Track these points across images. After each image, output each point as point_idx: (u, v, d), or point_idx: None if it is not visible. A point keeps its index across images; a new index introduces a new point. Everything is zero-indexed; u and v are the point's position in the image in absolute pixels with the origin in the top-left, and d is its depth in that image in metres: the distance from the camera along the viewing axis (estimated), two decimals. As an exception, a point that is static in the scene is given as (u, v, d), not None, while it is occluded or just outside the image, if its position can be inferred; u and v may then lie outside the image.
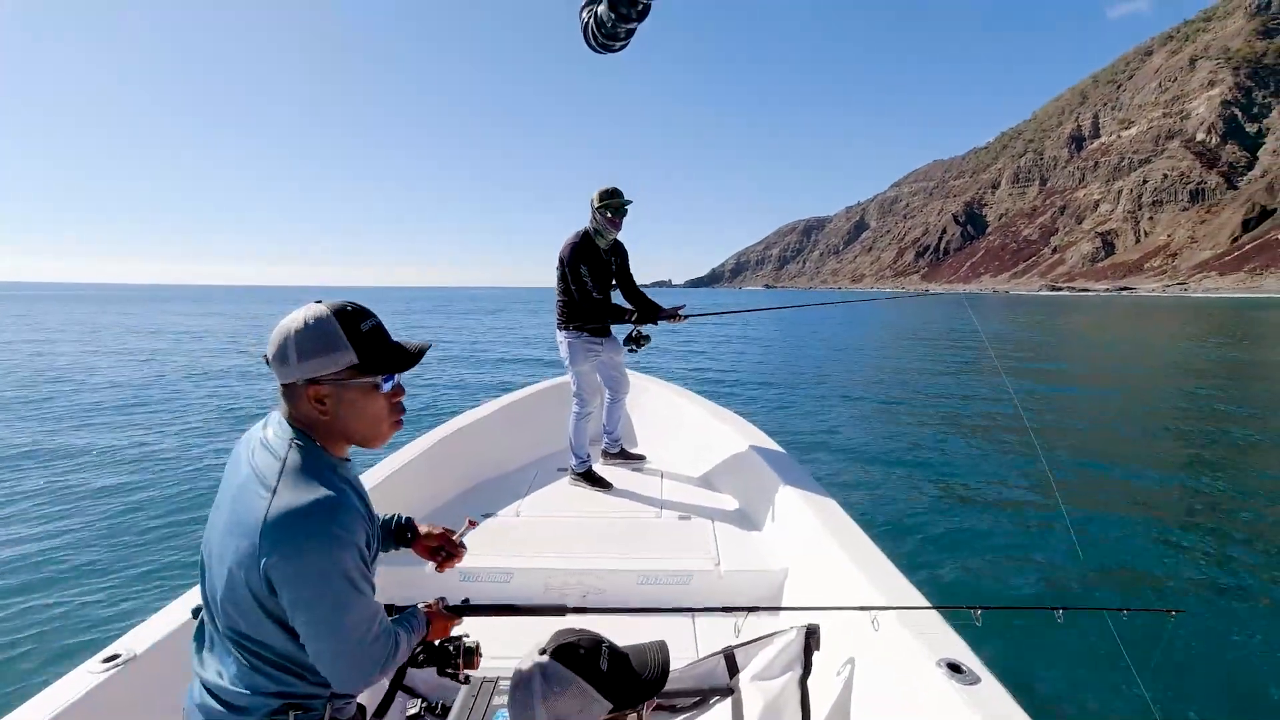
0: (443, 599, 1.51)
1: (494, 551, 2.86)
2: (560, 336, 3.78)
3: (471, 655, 1.49)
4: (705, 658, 2.02)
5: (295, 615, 1.10)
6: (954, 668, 1.59)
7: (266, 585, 1.08)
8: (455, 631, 1.52)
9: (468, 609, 1.57)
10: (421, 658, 1.48)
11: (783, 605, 2.68)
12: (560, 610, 1.78)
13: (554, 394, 4.73)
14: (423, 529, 1.60)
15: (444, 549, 1.60)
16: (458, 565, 2.36)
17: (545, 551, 2.91)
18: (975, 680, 1.56)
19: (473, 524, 1.71)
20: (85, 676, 1.57)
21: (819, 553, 2.48)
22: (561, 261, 3.64)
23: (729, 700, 1.92)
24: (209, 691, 1.15)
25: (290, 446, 1.15)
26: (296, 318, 1.16)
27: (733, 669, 1.96)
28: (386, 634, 1.22)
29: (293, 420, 1.18)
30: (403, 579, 2.31)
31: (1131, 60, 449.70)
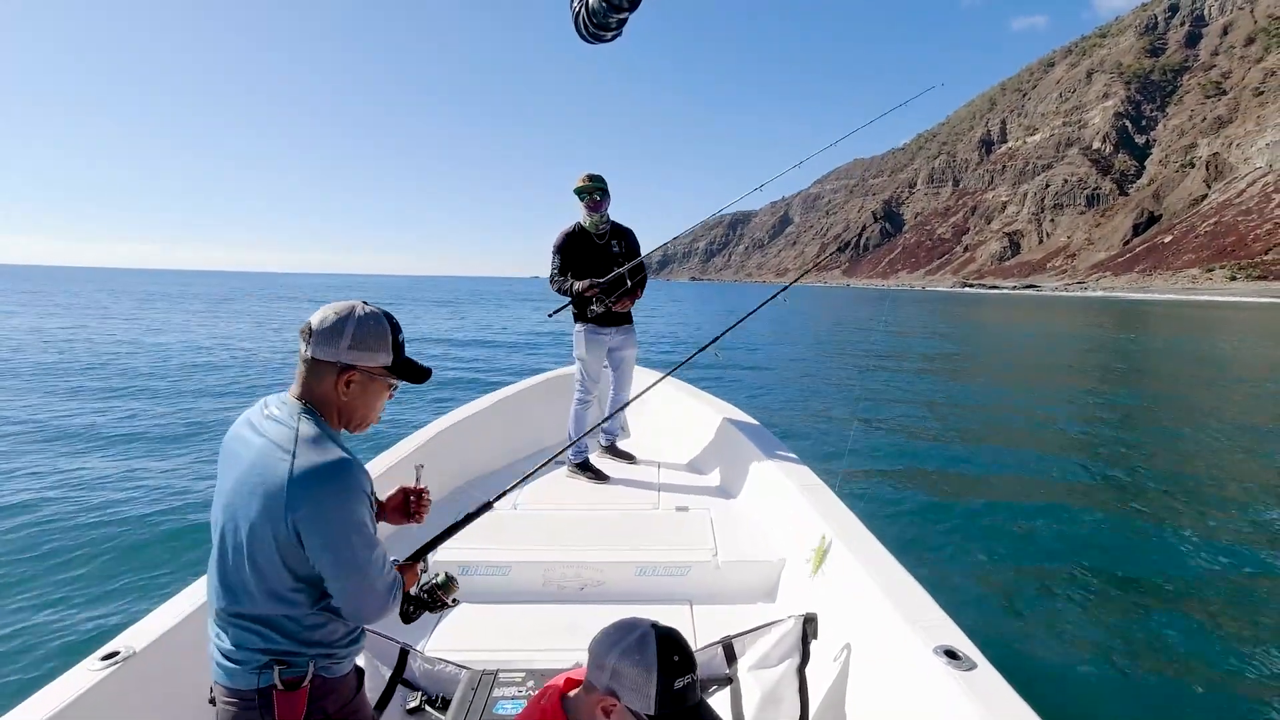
0: (394, 559, 1.54)
1: (492, 545, 2.81)
2: (575, 325, 3.95)
3: (449, 587, 1.59)
4: (704, 648, 2.01)
5: (322, 558, 1.24)
6: (950, 654, 1.59)
7: (295, 535, 1.22)
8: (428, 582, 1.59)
9: (420, 552, 1.66)
10: (412, 610, 1.56)
11: (779, 595, 2.66)
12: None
13: (551, 387, 4.72)
14: (383, 498, 1.64)
15: (409, 502, 1.67)
16: (455, 559, 2.52)
17: (543, 544, 2.87)
18: (972, 666, 1.55)
19: (420, 467, 1.73)
20: (84, 674, 1.56)
21: (815, 543, 2.46)
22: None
23: (728, 689, 1.91)
24: (217, 649, 1.31)
25: (299, 418, 1.29)
26: (356, 308, 1.32)
27: (731, 658, 1.96)
28: (394, 572, 1.39)
29: (302, 396, 1.33)
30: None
31: (1036, 71, 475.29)
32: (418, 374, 1.44)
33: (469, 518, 1.81)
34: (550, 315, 4.13)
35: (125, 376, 12.10)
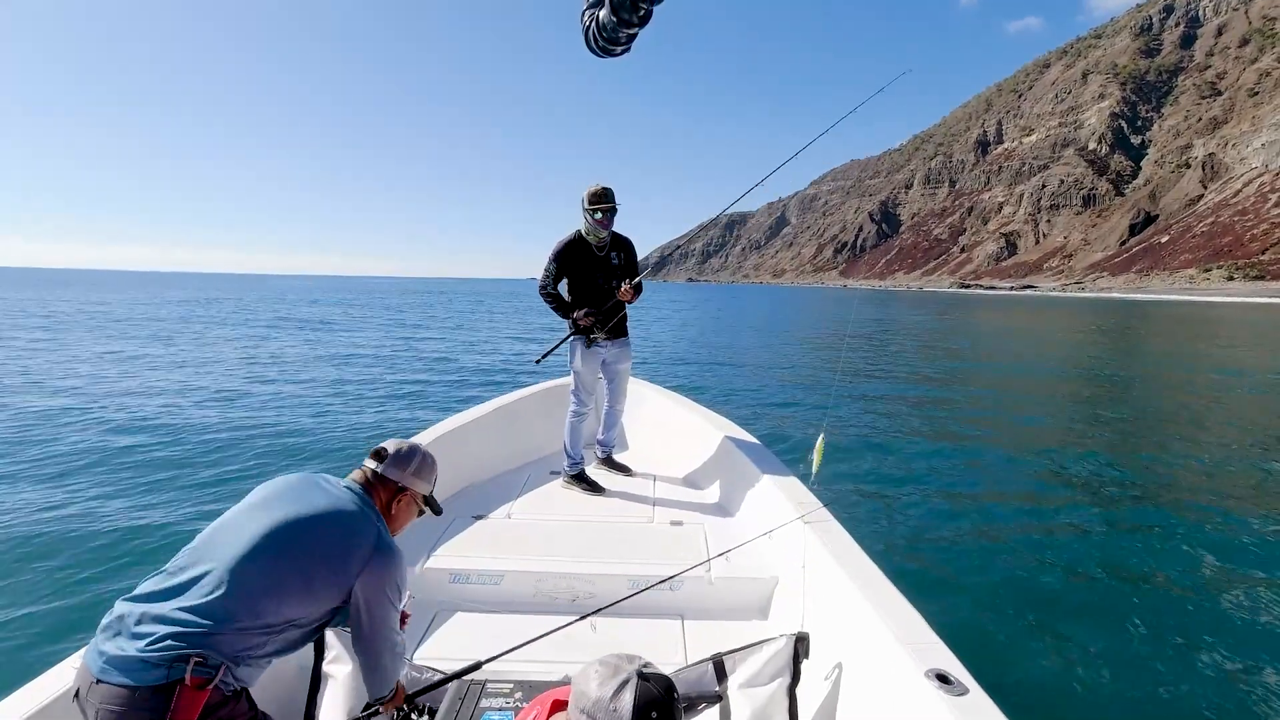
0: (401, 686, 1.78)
1: (485, 553, 2.83)
2: (569, 338, 3.93)
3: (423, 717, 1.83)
4: (694, 664, 2.00)
5: (362, 613, 1.55)
6: (942, 678, 1.58)
7: (351, 582, 1.52)
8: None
9: (416, 693, 1.84)
10: None
11: (772, 613, 2.66)
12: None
13: (548, 397, 4.72)
14: None
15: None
16: (448, 567, 2.65)
17: (536, 554, 2.88)
18: (964, 691, 1.54)
19: (411, 596, 1.86)
20: (68, 672, 1.55)
21: (809, 562, 2.46)
22: None
23: (717, 707, 1.91)
24: (132, 638, 1.32)
25: (374, 506, 1.68)
26: (420, 447, 1.82)
27: (721, 675, 1.94)
28: (402, 640, 1.69)
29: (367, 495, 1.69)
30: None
31: (1031, 72, 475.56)
32: (436, 507, 1.88)
33: (457, 674, 1.85)
34: (538, 361, 4.10)
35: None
